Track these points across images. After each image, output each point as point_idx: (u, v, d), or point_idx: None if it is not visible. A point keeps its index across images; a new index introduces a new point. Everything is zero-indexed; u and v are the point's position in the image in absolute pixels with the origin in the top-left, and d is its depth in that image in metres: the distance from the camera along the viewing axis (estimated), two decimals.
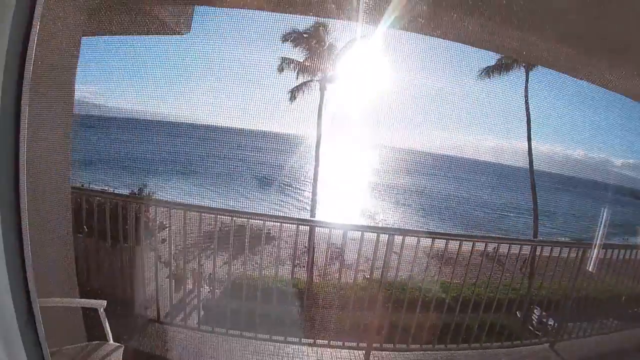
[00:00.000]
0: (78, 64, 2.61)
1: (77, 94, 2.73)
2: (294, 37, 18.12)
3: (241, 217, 3.16)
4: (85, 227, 3.41)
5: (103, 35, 3.93)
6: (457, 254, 3.28)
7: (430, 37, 4.06)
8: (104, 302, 1.82)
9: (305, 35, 18.55)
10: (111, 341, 1.80)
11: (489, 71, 19.13)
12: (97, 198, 3.34)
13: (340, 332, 3.47)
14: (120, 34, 3.79)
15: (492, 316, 3.55)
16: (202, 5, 4.00)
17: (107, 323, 1.82)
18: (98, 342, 1.78)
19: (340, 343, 3.29)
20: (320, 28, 18.15)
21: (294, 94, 19.84)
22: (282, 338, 3.28)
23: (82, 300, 1.83)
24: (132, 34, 3.63)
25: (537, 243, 3.67)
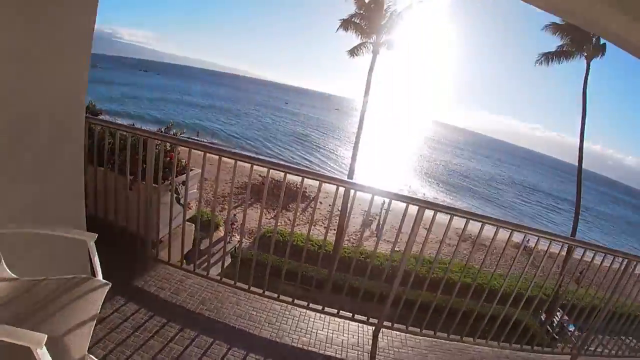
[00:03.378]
0: None
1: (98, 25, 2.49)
2: None
3: (263, 167, 2.91)
4: (101, 158, 3.30)
5: None
6: (492, 240, 2.93)
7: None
8: (95, 235, 1.64)
9: None
10: (99, 277, 1.65)
11: (553, 55, 17.58)
12: (120, 132, 3.18)
13: (352, 302, 3.28)
14: None
15: (516, 313, 3.26)
16: None
17: (96, 258, 1.66)
18: (84, 276, 1.63)
19: (349, 315, 3.12)
20: None
21: (347, 53, 19.15)
22: (289, 299, 3.14)
23: (71, 230, 1.66)
24: None
25: (574, 242, 3.23)
